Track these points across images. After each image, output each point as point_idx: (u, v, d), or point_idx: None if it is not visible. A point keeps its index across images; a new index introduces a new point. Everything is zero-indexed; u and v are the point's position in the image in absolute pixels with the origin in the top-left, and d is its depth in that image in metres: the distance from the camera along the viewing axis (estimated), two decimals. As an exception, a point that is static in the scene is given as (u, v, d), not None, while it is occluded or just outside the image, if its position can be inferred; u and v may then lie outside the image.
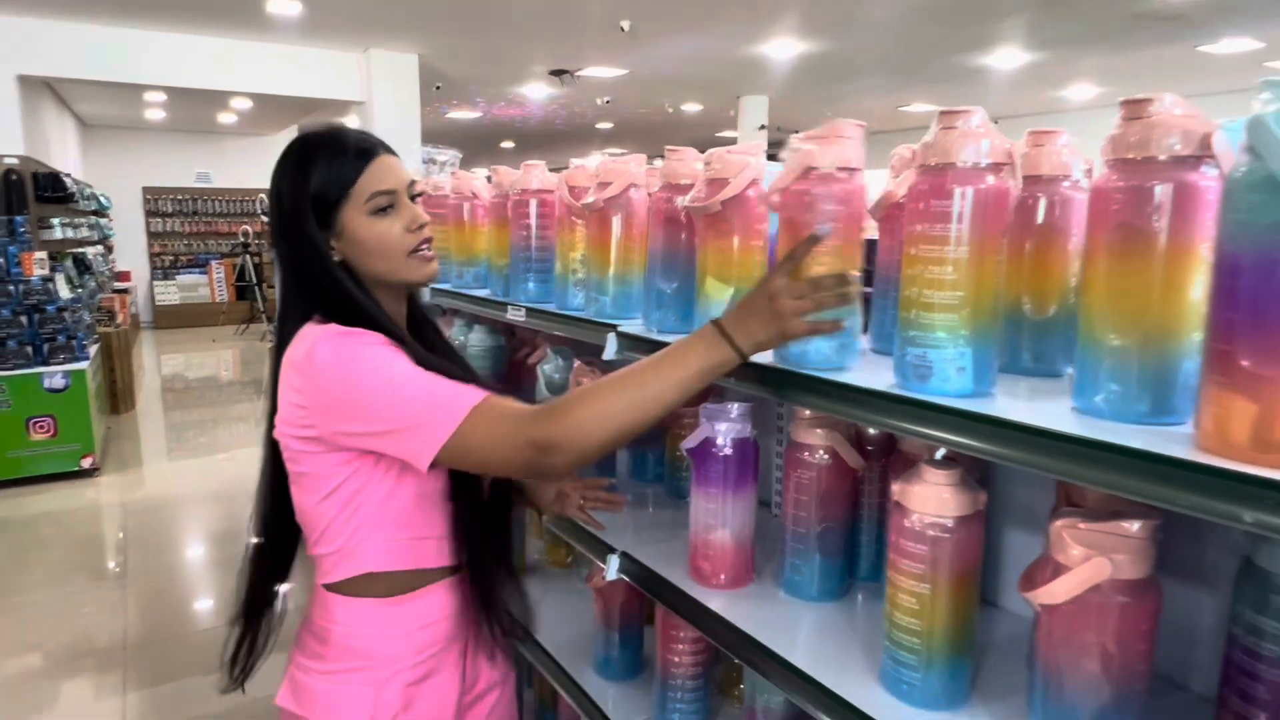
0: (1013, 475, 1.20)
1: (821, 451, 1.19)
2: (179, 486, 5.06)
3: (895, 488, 0.96)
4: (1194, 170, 0.72)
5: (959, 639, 0.95)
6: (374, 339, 1.03)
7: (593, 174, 1.51)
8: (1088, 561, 0.78)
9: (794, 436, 1.22)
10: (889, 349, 1.10)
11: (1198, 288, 0.72)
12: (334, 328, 1.04)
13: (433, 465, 0.96)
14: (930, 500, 0.92)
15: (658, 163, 1.41)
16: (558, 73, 8.34)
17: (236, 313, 11.58)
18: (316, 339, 1.02)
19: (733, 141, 11.67)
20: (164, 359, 9.60)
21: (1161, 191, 0.73)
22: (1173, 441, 0.68)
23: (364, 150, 1.07)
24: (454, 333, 2.13)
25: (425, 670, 1.11)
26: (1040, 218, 0.98)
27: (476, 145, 13.84)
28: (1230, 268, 0.65)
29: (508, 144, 14.26)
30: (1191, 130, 0.72)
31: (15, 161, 6.18)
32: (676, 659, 1.41)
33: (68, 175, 6.95)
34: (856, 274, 0.95)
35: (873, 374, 0.96)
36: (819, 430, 1.18)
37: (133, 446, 5.84)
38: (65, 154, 8.98)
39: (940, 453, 1.12)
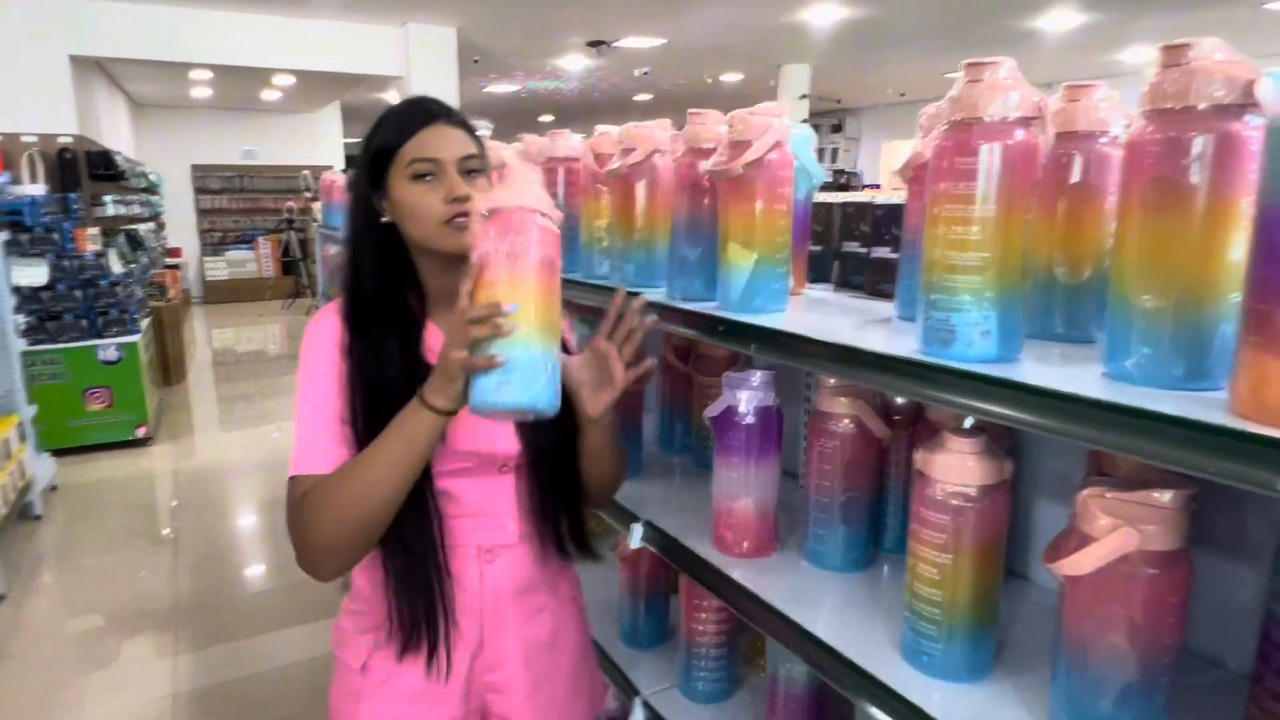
0: (1044, 445, 1.16)
1: (846, 420, 1.16)
2: (229, 456, 5.21)
3: (918, 456, 0.94)
4: (1236, 120, 0.68)
5: (981, 611, 0.93)
6: (322, 336, 1.11)
7: (617, 140, 1.49)
8: (1115, 532, 0.75)
9: (819, 405, 1.19)
10: (913, 314, 1.08)
11: (1237, 246, 0.68)
12: (327, 307, 1.14)
13: None
14: (953, 469, 0.90)
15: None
16: (595, 44, 8.26)
17: (283, 288, 11.82)
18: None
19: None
20: (214, 333, 9.87)
21: (1201, 143, 0.68)
22: (1207, 407, 0.64)
23: (422, 116, 1.09)
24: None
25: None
26: (1075, 176, 0.93)
27: (514, 119, 13.84)
28: (1272, 222, 0.61)
29: (546, 117, 14.23)
30: (1234, 77, 0.67)
31: (69, 140, 6.37)
32: (700, 628, 1.41)
33: (119, 153, 7.14)
34: (515, 306, 0.90)
35: (899, 341, 0.93)
36: (843, 399, 1.16)
37: (184, 417, 6.03)
38: (117, 133, 9.21)
39: (968, 421, 1.09)
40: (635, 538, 1.39)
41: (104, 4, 6.56)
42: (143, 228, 7.79)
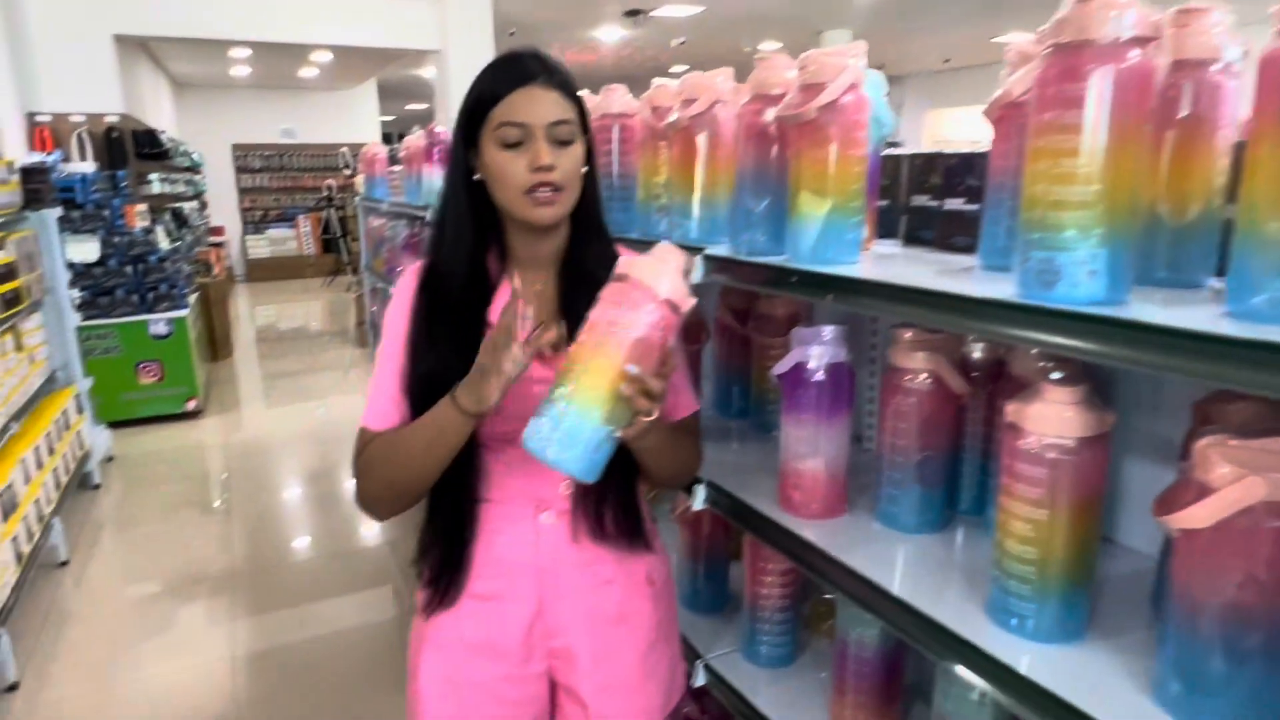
0: (1135, 401, 1.11)
1: (924, 375, 1.12)
2: (276, 429, 5.30)
3: (1010, 408, 0.89)
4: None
5: (1078, 570, 0.88)
6: (398, 295, 1.13)
7: (676, 92, 1.45)
8: (1239, 481, 0.70)
9: (892, 360, 1.15)
10: (1001, 264, 1.03)
11: (1391, 167, 0.62)
12: (412, 266, 1.14)
13: None
14: (1050, 420, 0.85)
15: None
16: (632, 13, 8.15)
17: (323, 265, 11.97)
18: None
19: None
20: (257, 310, 10.03)
21: (1350, 55, 0.62)
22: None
23: (515, 76, 1.05)
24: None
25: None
26: (1184, 109, 0.87)
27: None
28: None
29: (583, 91, 14.11)
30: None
31: (116, 119, 6.47)
32: (765, 591, 1.39)
33: (163, 132, 7.23)
34: (579, 377, 0.92)
35: (993, 286, 0.88)
36: (920, 353, 1.11)
37: (231, 391, 6.14)
38: (160, 113, 9.35)
39: (1056, 375, 1.04)
40: (698, 500, 1.36)
41: (146, -17, 6.62)
42: (186, 206, 7.91)
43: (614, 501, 1.15)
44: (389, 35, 7.69)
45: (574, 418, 0.91)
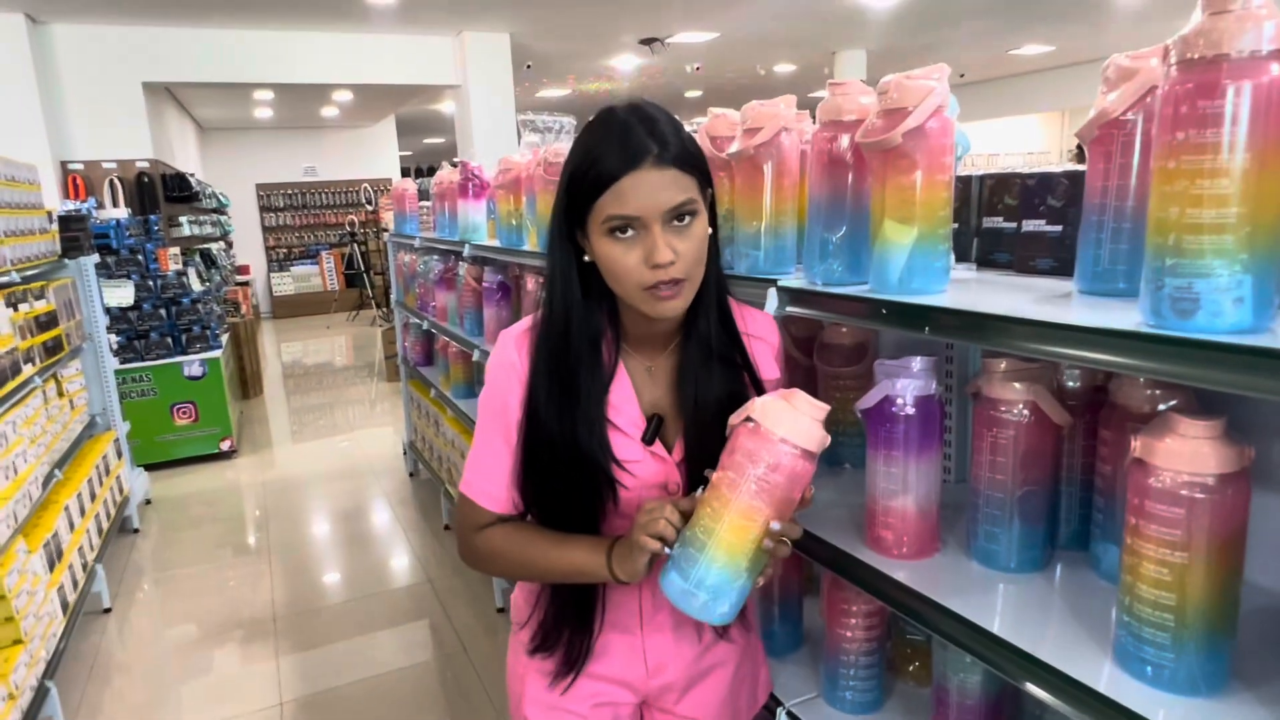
0: (1264, 434, 1.04)
1: (1021, 406, 1.07)
2: (309, 466, 5.29)
3: (1138, 442, 0.84)
4: None
5: (1220, 616, 0.83)
6: (505, 365, 1.08)
7: (734, 122, 1.42)
8: None
9: (987, 392, 1.10)
10: (1101, 289, 0.99)
11: None
12: (520, 328, 1.10)
13: None
14: (1185, 455, 0.80)
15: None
16: (648, 41, 8.21)
17: (347, 300, 12.07)
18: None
19: (828, 101, 11.24)
20: (283, 346, 10.10)
21: None
22: None
23: (623, 157, 0.92)
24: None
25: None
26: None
27: (566, 123, 13.87)
28: None
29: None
30: None
31: (146, 165, 6.58)
32: (848, 633, 1.33)
33: (191, 175, 7.34)
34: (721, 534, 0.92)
35: (1111, 314, 0.83)
36: (1018, 384, 1.06)
37: (263, 430, 6.15)
38: (186, 156, 9.51)
39: (1171, 402, 0.99)
40: (777, 539, 1.31)
41: (172, 30, 6.76)
42: (215, 247, 8.01)
43: None
44: (409, 72, 7.80)
45: (718, 574, 0.91)
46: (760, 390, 1.08)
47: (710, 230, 1.01)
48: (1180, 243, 0.73)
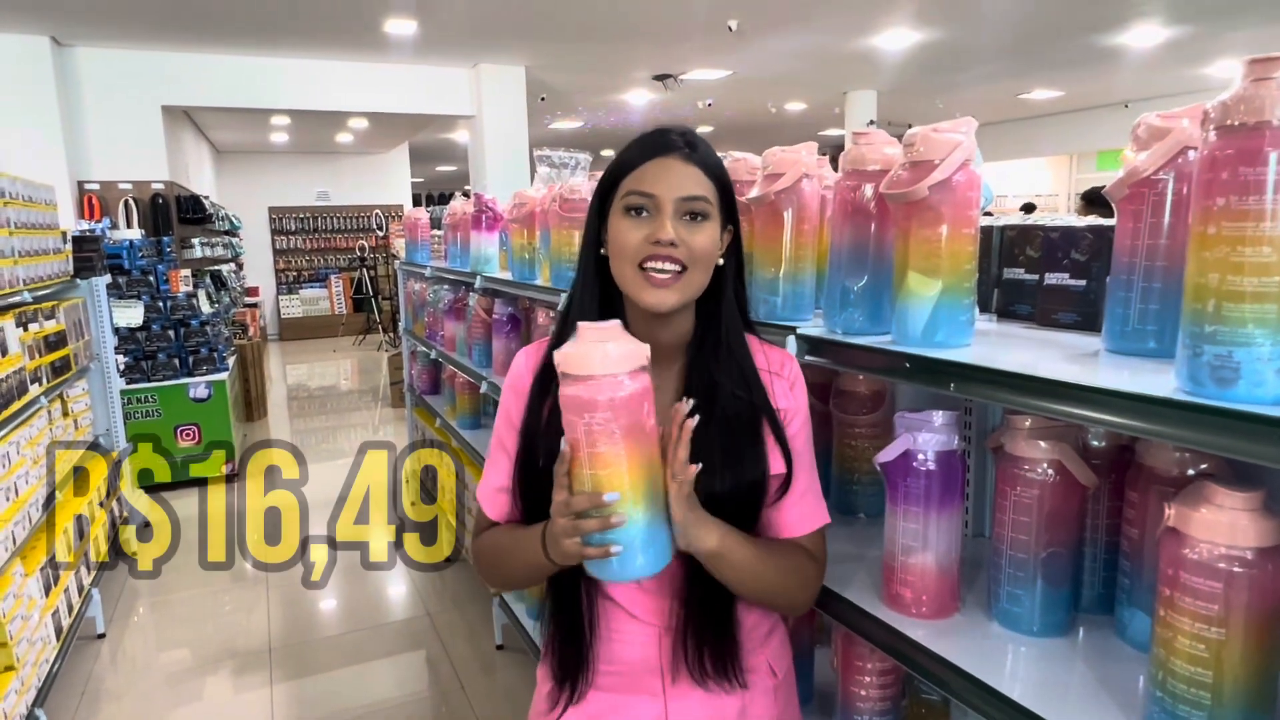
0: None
1: (1046, 465, 1.04)
2: (310, 491, 5.24)
3: (1171, 511, 0.82)
4: None
5: (1259, 694, 0.79)
6: (515, 374, 1.12)
7: (754, 167, 1.42)
8: None
9: (1010, 449, 1.07)
10: (1130, 348, 0.97)
11: None
12: (535, 342, 1.13)
13: None
14: (1223, 527, 0.77)
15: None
16: (661, 77, 8.31)
17: (354, 324, 12.10)
18: None
19: (839, 140, 11.36)
20: (289, 369, 10.11)
21: None
22: None
23: (654, 146, 1.02)
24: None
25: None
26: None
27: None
28: None
29: (608, 152, 14.41)
30: None
31: (161, 186, 6.64)
32: (863, 691, 1.29)
33: (206, 197, 7.40)
34: (615, 494, 0.88)
35: (1145, 379, 0.81)
36: (1043, 442, 1.04)
37: (265, 452, 6.12)
38: (201, 178, 9.61)
39: (1201, 466, 0.96)
40: (791, 592, 1.28)
41: (193, 56, 6.87)
42: (225, 268, 8.05)
43: (713, 639, 1.07)
44: (425, 102, 7.89)
45: (623, 535, 0.90)
46: (776, 426, 1.06)
47: (723, 260, 1.06)
48: (1220, 310, 0.72)
